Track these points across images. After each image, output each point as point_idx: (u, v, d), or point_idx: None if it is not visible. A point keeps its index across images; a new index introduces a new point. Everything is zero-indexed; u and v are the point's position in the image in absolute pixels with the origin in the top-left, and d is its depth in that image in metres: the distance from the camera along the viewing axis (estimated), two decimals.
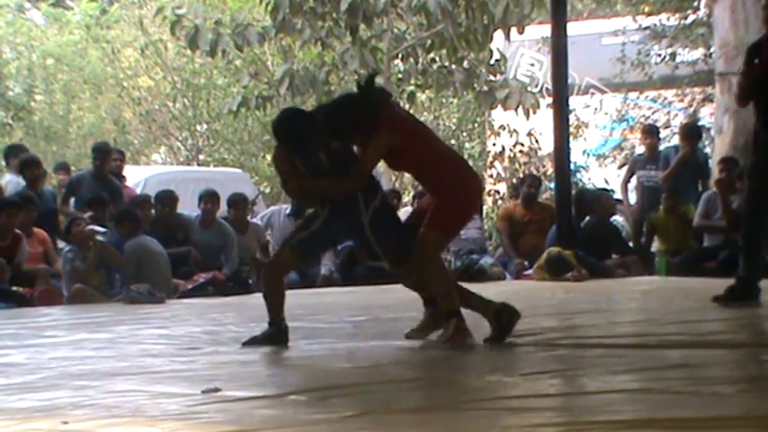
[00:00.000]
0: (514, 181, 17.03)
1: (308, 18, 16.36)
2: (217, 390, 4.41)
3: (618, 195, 14.33)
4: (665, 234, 12.91)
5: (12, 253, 10.84)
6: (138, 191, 13.97)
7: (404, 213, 14.74)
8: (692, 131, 14.27)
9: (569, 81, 13.66)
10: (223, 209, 13.08)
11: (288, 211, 13.28)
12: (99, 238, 11.00)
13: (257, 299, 7.23)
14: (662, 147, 14.87)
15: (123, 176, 13.12)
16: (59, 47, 24.95)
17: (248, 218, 13.07)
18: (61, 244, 12.01)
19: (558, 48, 12.81)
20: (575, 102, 17.43)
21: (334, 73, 17.41)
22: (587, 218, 13.13)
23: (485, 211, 16.06)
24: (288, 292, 6.23)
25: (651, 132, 14.40)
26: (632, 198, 14.41)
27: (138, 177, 15.54)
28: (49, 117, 24.97)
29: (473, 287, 6.10)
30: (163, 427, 3.67)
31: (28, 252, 11.12)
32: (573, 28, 14.91)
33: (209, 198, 12.58)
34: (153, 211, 12.37)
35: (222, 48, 16.75)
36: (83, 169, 14.34)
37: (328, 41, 16.81)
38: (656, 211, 13.11)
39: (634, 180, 14.29)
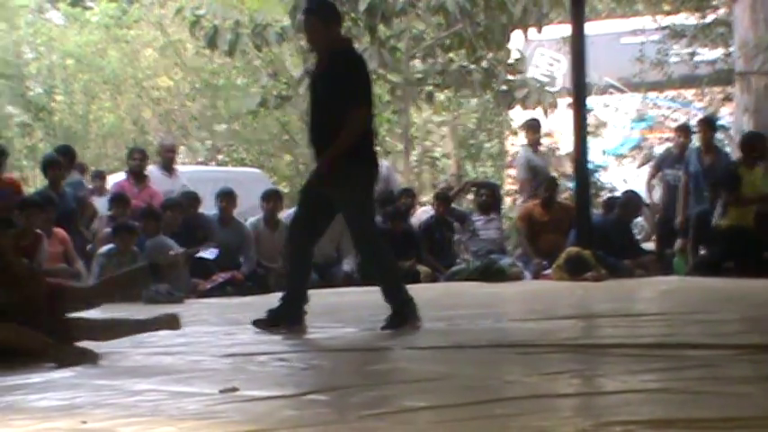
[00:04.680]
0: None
1: None
2: (235, 389, 4.41)
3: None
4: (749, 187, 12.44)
5: (32, 252, 10.87)
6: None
7: (421, 213, 14.78)
8: (708, 120, 14.25)
9: (588, 81, 13.63)
10: (242, 208, 13.08)
11: None
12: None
13: (276, 299, 7.24)
14: None
15: (145, 176, 13.16)
16: (79, 47, 25.03)
17: (279, 215, 12.94)
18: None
19: (577, 47, 12.79)
20: (593, 101, 17.41)
21: None
22: (606, 217, 13.13)
23: (503, 211, 16.04)
24: (309, 292, 6.25)
25: (686, 131, 14.33)
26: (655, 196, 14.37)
27: None
28: (68, 117, 25.05)
29: (492, 287, 6.10)
30: (181, 427, 3.67)
31: (48, 252, 11.15)
32: (592, 27, 14.91)
33: (224, 197, 12.61)
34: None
35: (241, 48, 16.81)
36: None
37: None
38: (738, 162, 12.67)
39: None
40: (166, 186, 12.95)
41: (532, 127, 14.62)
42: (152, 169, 13.47)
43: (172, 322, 6.33)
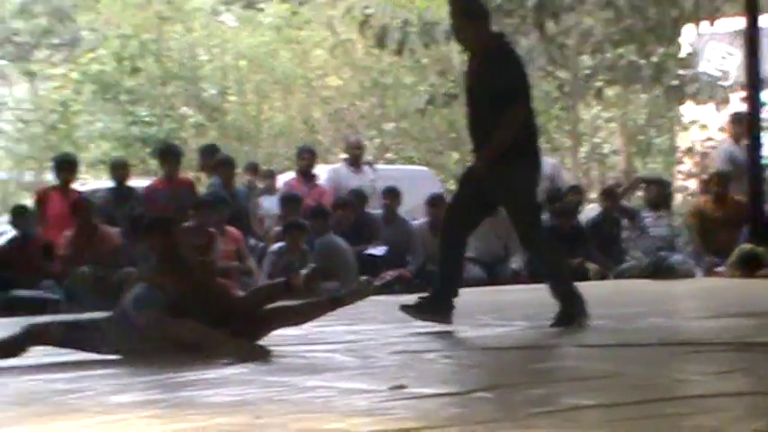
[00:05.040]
0: (705, 177, 16.71)
1: (496, 15, 16.35)
2: (403, 386, 4.44)
3: None
4: None
5: (206, 251, 11.11)
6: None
7: (589, 210, 14.65)
8: None
9: (763, 74, 13.35)
10: (410, 206, 13.15)
11: None
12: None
13: None
14: None
15: (314, 175, 13.34)
16: (251, 48, 25.42)
17: None
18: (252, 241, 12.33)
19: (752, 40, 12.55)
20: None
21: None
22: None
23: (674, 208, 15.79)
24: (474, 290, 6.28)
25: None
26: None
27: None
28: (241, 117, 25.47)
29: (662, 284, 6.03)
30: (351, 423, 3.71)
31: (221, 250, 11.38)
32: (766, 20, 14.55)
33: (388, 194, 12.71)
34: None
35: (409, 46, 16.87)
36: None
37: (514, 38, 16.77)
38: None
39: None
40: (354, 182, 13.10)
41: (738, 120, 14.37)
42: (339, 166, 13.67)
43: (365, 290, 6.41)
